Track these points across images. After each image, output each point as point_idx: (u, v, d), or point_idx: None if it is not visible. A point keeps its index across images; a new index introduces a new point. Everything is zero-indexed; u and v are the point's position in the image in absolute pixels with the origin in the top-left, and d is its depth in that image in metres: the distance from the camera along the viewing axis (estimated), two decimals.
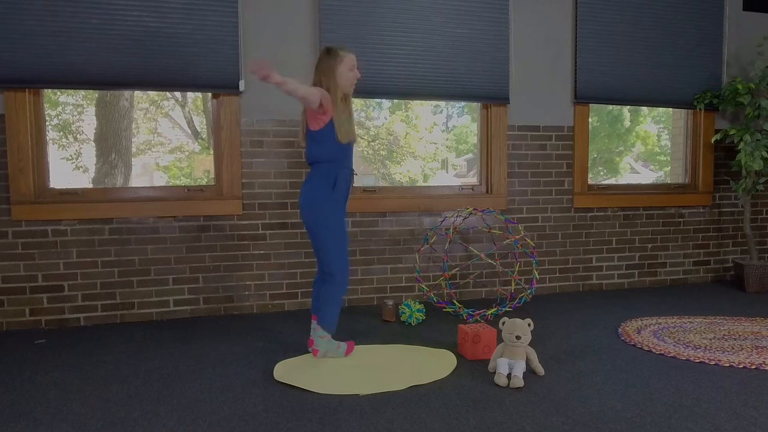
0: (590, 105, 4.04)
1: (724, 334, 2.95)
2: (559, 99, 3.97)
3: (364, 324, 3.22)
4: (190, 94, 9.32)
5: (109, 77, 3.18)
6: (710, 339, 2.87)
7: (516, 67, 3.85)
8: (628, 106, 10.48)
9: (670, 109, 4.57)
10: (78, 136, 8.84)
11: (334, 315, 2.57)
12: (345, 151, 2.54)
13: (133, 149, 8.93)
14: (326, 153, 2.50)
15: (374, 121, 12.41)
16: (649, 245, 4.24)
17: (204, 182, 8.23)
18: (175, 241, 3.38)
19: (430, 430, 1.88)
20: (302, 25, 3.47)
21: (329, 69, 2.49)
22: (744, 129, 3.89)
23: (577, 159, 4.02)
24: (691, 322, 3.20)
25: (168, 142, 10.45)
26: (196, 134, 10.14)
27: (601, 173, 12.72)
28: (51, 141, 8.15)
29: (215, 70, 3.31)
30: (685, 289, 4.13)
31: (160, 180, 10.31)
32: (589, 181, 4.10)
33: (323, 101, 2.41)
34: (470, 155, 14.58)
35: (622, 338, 2.89)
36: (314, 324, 2.57)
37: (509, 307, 3.38)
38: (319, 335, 2.55)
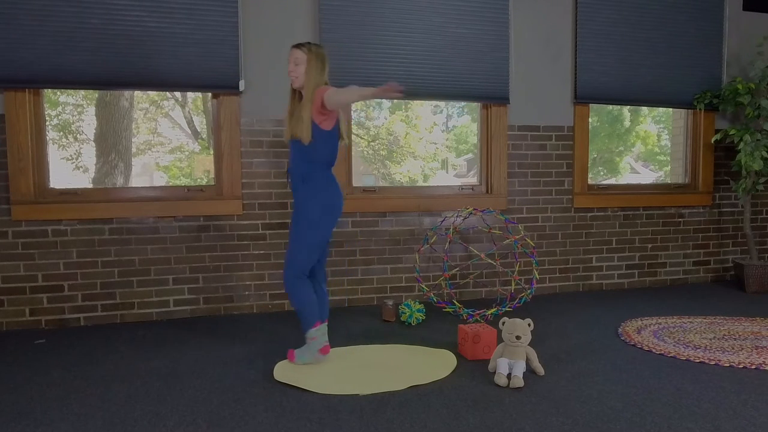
0: (590, 105, 4.04)
1: (724, 334, 2.95)
2: (559, 99, 3.97)
3: (364, 324, 3.22)
4: (190, 94, 9.32)
5: (109, 77, 3.18)
6: (710, 339, 2.87)
7: (516, 67, 3.85)
8: (628, 106, 10.48)
9: (670, 109, 4.57)
10: (78, 136, 8.84)
11: None
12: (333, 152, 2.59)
13: (133, 149, 8.93)
14: (324, 154, 2.52)
15: (374, 121, 12.41)
16: (649, 245, 4.24)
17: (204, 182, 8.23)
18: (175, 241, 3.38)
19: (430, 430, 1.88)
20: (302, 25, 3.47)
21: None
22: (744, 129, 3.89)
23: (577, 159, 4.02)
24: (691, 322, 3.20)
25: (168, 142, 10.45)
26: (196, 134, 10.14)
27: (601, 173, 12.72)
28: (51, 141, 8.15)
29: (215, 70, 3.31)
30: (685, 289, 4.13)
31: (160, 180, 10.31)
32: (589, 181, 4.10)
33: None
34: (470, 155, 14.58)
35: (622, 338, 2.89)
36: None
37: (509, 307, 3.37)
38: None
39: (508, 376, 2.27)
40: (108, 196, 3.34)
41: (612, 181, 12.56)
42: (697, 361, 2.54)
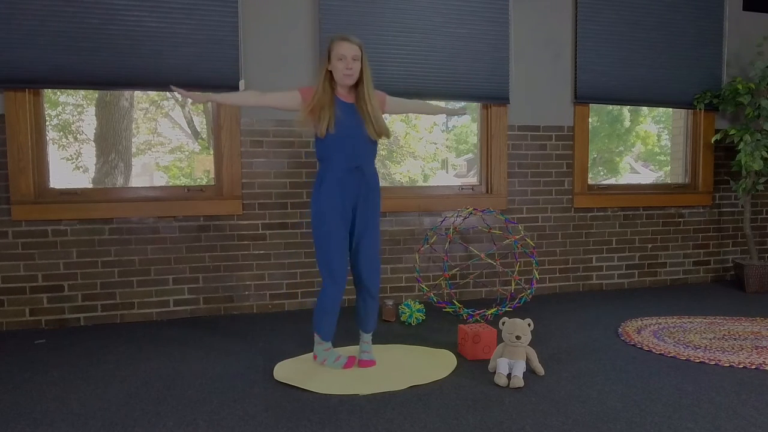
0: (590, 105, 4.04)
1: (724, 334, 2.95)
2: (559, 99, 3.97)
3: None
4: None
5: (109, 77, 3.18)
6: (710, 339, 2.87)
7: (516, 67, 3.85)
8: (628, 106, 10.48)
9: (670, 109, 4.57)
10: (78, 136, 8.84)
11: (321, 322, 2.47)
12: (336, 148, 2.36)
13: (133, 149, 8.92)
14: (318, 150, 2.45)
15: None
16: (649, 245, 4.24)
17: (204, 182, 8.22)
18: (175, 241, 3.38)
19: (430, 430, 1.88)
20: (302, 25, 3.47)
21: (322, 59, 2.44)
22: (744, 129, 3.89)
23: (577, 159, 4.02)
24: (691, 322, 3.20)
25: (168, 142, 10.44)
26: (196, 134, 10.14)
27: (601, 173, 12.71)
28: (51, 141, 8.15)
29: (215, 70, 3.31)
30: (685, 289, 4.13)
31: (160, 180, 10.31)
32: (589, 181, 4.10)
33: (303, 96, 2.39)
34: (470, 155, 14.57)
35: (622, 338, 2.89)
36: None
37: (509, 307, 3.37)
38: (318, 342, 2.51)
39: (508, 376, 2.27)
40: (108, 196, 3.34)
41: (612, 181, 12.56)
42: (697, 361, 2.54)
